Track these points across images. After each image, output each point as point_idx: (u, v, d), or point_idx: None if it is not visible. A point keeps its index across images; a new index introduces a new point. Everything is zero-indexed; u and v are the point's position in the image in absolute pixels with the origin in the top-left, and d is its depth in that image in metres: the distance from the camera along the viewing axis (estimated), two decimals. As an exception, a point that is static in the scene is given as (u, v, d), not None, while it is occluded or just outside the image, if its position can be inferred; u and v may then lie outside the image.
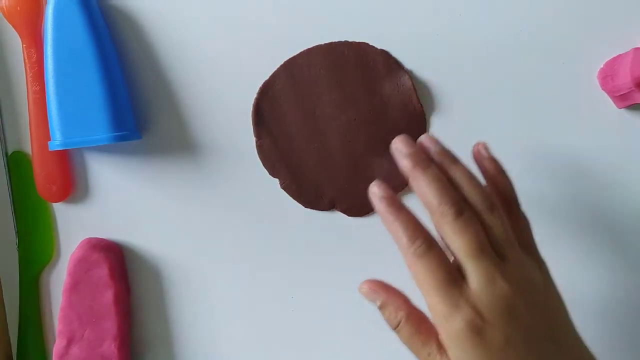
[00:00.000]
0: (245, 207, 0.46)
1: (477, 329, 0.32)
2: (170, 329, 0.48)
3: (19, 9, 0.43)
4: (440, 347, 0.34)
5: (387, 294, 0.36)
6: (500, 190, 0.37)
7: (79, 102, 0.42)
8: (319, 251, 0.46)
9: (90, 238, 0.47)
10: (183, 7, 0.44)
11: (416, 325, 0.35)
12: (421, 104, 0.43)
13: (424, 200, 0.35)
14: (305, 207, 0.46)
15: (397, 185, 0.44)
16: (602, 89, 0.42)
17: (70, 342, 0.46)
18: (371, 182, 0.44)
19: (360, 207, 0.45)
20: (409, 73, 0.43)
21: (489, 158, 0.37)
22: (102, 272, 0.45)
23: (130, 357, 0.47)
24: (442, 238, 0.34)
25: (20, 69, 0.45)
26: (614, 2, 0.42)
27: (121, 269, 0.47)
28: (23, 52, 0.44)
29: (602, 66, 0.42)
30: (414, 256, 0.34)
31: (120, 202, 0.47)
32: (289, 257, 0.46)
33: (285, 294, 0.47)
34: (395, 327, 0.35)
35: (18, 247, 0.48)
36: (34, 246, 0.48)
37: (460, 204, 0.34)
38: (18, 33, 0.44)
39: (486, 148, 0.38)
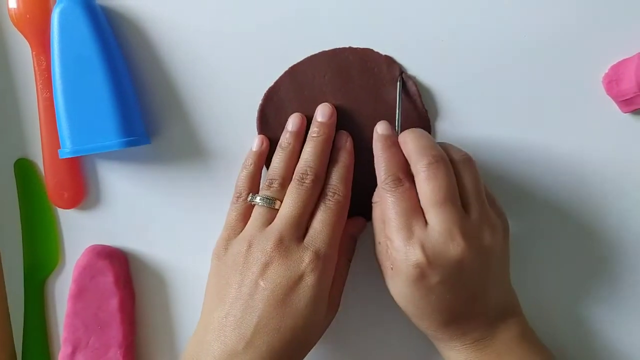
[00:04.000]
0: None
1: (421, 274, 0.35)
2: (176, 335, 0.48)
3: (28, 16, 0.43)
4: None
5: None
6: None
7: (87, 108, 0.42)
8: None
9: (95, 245, 0.47)
10: (189, 14, 0.44)
11: None
12: (426, 109, 0.43)
13: (406, 153, 0.38)
14: (311, 213, 0.46)
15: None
16: (607, 93, 0.42)
17: (75, 349, 0.46)
18: (376, 188, 0.44)
19: (366, 213, 0.45)
20: (413, 78, 0.43)
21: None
22: (107, 279, 0.45)
23: (135, 364, 0.47)
24: (417, 187, 0.36)
25: (28, 76, 0.46)
26: (619, 6, 0.42)
27: (126, 276, 0.47)
28: (33, 60, 0.44)
29: (607, 71, 0.42)
30: (384, 190, 0.37)
31: (126, 208, 0.47)
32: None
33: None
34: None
35: (23, 254, 0.48)
36: (39, 253, 0.48)
37: (437, 153, 0.36)
38: (27, 40, 0.44)
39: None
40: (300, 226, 0.38)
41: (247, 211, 0.41)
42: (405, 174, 0.37)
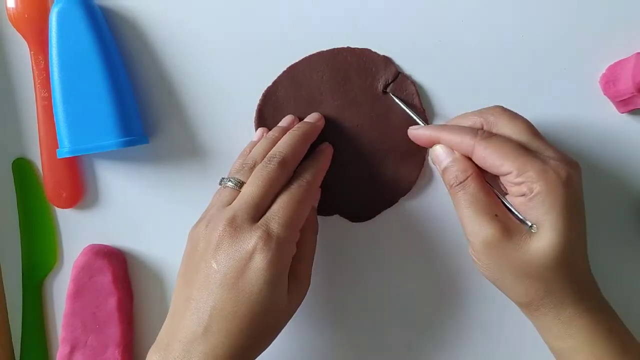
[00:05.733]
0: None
1: (570, 177, 0.35)
2: (173, 335, 0.48)
3: (26, 15, 0.43)
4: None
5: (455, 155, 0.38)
6: None
7: (85, 108, 0.42)
8: (321, 255, 0.46)
9: (93, 244, 0.47)
10: (187, 15, 0.44)
11: (482, 184, 0.37)
12: (424, 108, 0.43)
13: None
14: (308, 212, 0.46)
15: (402, 189, 0.44)
16: (604, 94, 0.42)
17: (73, 349, 0.46)
18: (375, 187, 0.45)
19: (363, 213, 0.45)
20: (410, 78, 0.43)
21: None
22: (106, 278, 0.45)
23: (133, 363, 0.47)
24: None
25: (26, 75, 0.45)
26: (616, 7, 0.42)
27: (124, 276, 0.47)
28: (31, 59, 0.44)
29: (604, 71, 0.42)
30: (482, 140, 0.36)
31: (124, 208, 0.47)
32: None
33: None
34: (462, 182, 0.37)
35: (21, 253, 0.48)
36: (38, 252, 0.48)
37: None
38: (26, 40, 0.44)
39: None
40: (259, 208, 0.37)
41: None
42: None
